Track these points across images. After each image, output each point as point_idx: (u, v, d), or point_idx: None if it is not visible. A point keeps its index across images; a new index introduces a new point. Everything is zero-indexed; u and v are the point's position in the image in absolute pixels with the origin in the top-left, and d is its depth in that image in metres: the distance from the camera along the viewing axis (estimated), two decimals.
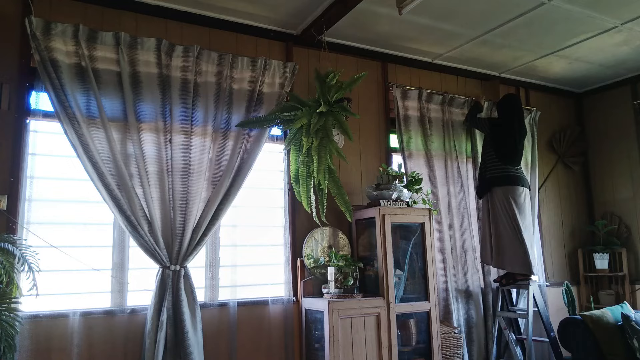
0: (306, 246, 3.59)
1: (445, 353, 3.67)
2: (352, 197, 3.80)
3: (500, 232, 3.95)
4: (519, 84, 4.98)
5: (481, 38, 4.00)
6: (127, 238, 3.07)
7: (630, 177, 4.93)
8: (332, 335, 3.11)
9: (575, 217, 5.16)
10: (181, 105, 3.23)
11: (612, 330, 3.76)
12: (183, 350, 2.91)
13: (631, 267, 4.84)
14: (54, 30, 2.88)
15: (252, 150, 3.41)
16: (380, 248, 3.45)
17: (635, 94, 4.92)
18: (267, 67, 3.54)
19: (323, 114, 3.41)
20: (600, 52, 4.35)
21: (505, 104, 4.21)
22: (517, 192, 3.96)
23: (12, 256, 2.46)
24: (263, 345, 3.37)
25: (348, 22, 3.63)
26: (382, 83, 4.21)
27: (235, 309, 3.30)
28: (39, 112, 2.99)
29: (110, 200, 2.92)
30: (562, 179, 5.14)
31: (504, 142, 4.05)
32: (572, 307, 4.41)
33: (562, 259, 4.98)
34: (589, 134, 5.32)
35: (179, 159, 3.18)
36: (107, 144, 2.97)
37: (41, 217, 2.92)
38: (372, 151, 4.08)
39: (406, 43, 4.08)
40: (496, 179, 4.02)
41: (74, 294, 2.91)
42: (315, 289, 3.55)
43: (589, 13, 3.63)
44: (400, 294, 3.51)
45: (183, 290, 3.01)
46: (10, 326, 2.38)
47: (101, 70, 3.03)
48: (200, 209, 3.18)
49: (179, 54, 3.24)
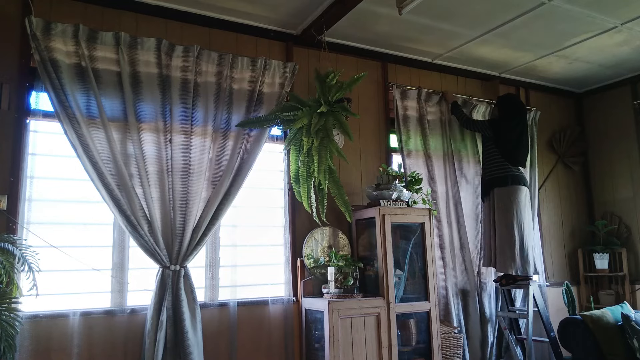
0: (306, 246, 3.59)
1: (445, 353, 3.67)
2: (352, 197, 3.80)
3: (502, 234, 3.93)
4: (519, 84, 4.98)
5: (481, 38, 4.00)
6: (127, 238, 3.07)
7: (630, 177, 4.93)
8: (332, 335, 3.12)
9: (575, 217, 5.16)
10: (181, 105, 3.23)
11: (612, 330, 3.76)
12: (183, 350, 2.91)
13: (631, 267, 4.84)
14: (54, 30, 2.88)
15: (252, 150, 3.41)
16: (380, 248, 3.45)
17: (635, 94, 4.93)
18: (267, 67, 3.54)
19: (323, 114, 3.41)
20: (600, 52, 4.35)
21: (506, 103, 4.20)
22: (520, 192, 3.95)
23: (12, 256, 2.46)
24: (263, 345, 3.37)
25: (348, 22, 3.63)
26: (382, 83, 4.21)
27: (235, 309, 3.30)
28: (39, 112, 2.99)
29: (110, 200, 2.92)
30: (562, 179, 5.14)
31: (509, 141, 4.04)
32: (572, 307, 4.41)
33: (562, 259, 4.98)
34: (589, 134, 5.32)
35: (179, 159, 3.18)
36: (107, 144, 2.97)
37: (41, 217, 2.92)
38: (372, 151, 4.08)
39: (406, 43, 4.08)
40: (497, 180, 4.01)
41: (74, 294, 2.91)
42: (315, 289, 3.55)
43: (589, 13, 3.63)
44: (400, 294, 3.51)
45: (183, 290, 3.01)
46: (10, 326, 2.38)
47: (101, 70, 3.03)
48: (200, 209, 3.18)
49: (179, 54, 3.24)
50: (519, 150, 4.06)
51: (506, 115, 4.14)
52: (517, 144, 4.07)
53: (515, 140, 4.06)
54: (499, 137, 4.05)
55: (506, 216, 3.91)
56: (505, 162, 4.01)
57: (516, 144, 4.06)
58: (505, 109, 4.17)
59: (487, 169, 4.12)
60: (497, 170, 4.02)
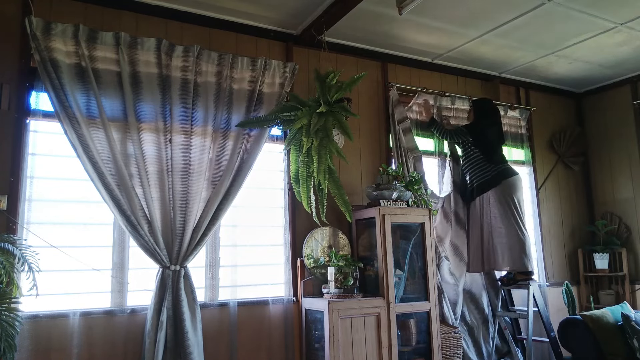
0: (306, 246, 3.59)
1: (445, 353, 3.67)
2: (352, 197, 3.79)
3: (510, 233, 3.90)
4: (519, 84, 4.98)
5: (481, 38, 4.00)
6: (127, 238, 3.07)
7: (630, 177, 4.93)
8: (332, 335, 3.11)
9: (575, 217, 5.16)
10: (181, 105, 3.23)
11: (612, 330, 3.76)
12: (183, 350, 2.91)
13: (631, 267, 4.84)
14: (54, 30, 2.88)
15: (252, 150, 3.41)
16: (380, 248, 3.45)
17: (635, 94, 4.92)
18: (267, 67, 3.54)
19: (323, 114, 3.41)
20: (600, 52, 4.35)
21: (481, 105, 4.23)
22: (516, 183, 3.98)
23: (12, 256, 2.46)
24: (263, 345, 3.37)
25: (348, 22, 3.63)
26: (382, 83, 4.21)
27: (236, 309, 3.30)
28: (39, 112, 2.99)
29: (110, 200, 2.92)
30: (562, 179, 5.14)
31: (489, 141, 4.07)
32: (572, 307, 4.41)
33: (562, 259, 4.98)
34: (589, 134, 5.32)
35: (179, 159, 3.18)
36: (107, 144, 2.97)
37: (41, 217, 2.92)
38: (372, 151, 4.08)
39: (406, 43, 4.08)
40: (486, 183, 4.01)
41: (74, 294, 2.91)
42: (315, 289, 3.55)
43: (589, 13, 3.63)
44: (400, 294, 3.51)
45: (183, 290, 3.01)
46: (10, 326, 2.38)
47: (101, 70, 3.03)
48: (200, 209, 3.18)
49: (179, 54, 3.24)
50: (499, 147, 4.15)
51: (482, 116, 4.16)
52: (497, 142, 4.14)
53: (496, 140, 4.12)
54: (479, 139, 4.07)
55: (507, 215, 3.91)
56: (488, 163, 4.03)
57: (497, 142, 4.13)
58: (481, 111, 4.20)
59: (473, 173, 4.12)
60: (484, 173, 4.03)
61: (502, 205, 3.94)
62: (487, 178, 4.01)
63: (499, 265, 3.96)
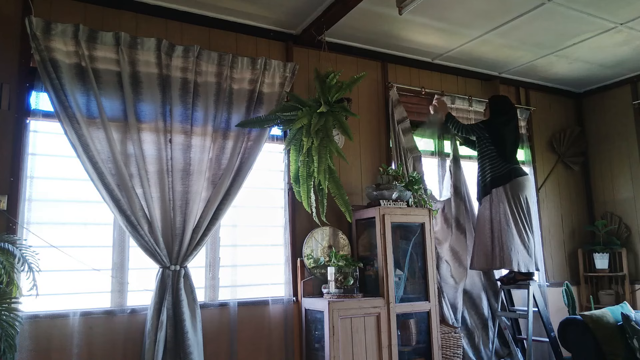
0: (306, 246, 3.59)
1: (445, 353, 3.67)
2: (352, 197, 3.80)
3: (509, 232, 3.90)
4: (519, 84, 4.99)
5: (481, 38, 4.00)
6: (127, 238, 3.07)
7: (630, 177, 4.93)
8: (332, 335, 3.11)
9: (575, 217, 5.16)
10: (181, 105, 3.23)
11: (612, 330, 3.75)
12: (183, 351, 2.91)
13: (631, 267, 4.84)
14: (54, 30, 2.88)
15: (252, 150, 3.41)
16: (380, 248, 3.45)
17: (635, 94, 4.92)
18: (267, 67, 3.54)
19: (323, 114, 3.41)
20: (600, 52, 4.35)
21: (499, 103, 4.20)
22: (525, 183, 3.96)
23: (12, 256, 2.46)
24: (263, 345, 3.37)
25: (348, 22, 3.63)
26: (382, 83, 4.21)
27: (236, 309, 3.30)
28: (39, 112, 2.99)
29: (110, 200, 2.92)
30: (562, 179, 5.14)
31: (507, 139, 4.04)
32: (572, 307, 4.40)
33: (562, 259, 4.98)
34: (589, 134, 5.32)
35: (179, 159, 3.18)
36: (107, 144, 2.97)
37: (41, 217, 2.92)
38: (372, 151, 4.08)
39: (406, 43, 4.08)
40: (500, 178, 3.98)
41: (74, 294, 2.91)
42: (315, 289, 3.55)
43: (589, 13, 3.63)
44: (400, 294, 3.51)
45: (183, 290, 3.01)
46: (10, 326, 2.38)
47: (101, 70, 3.03)
48: (200, 209, 3.18)
49: (179, 54, 3.24)
50: (514, 147, 4.12)
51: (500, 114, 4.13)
52: (514, 141, 4.11)
53: (511, 140, 4.09)
54: (496, 137, 4.05)
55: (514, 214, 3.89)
56: (501, 160, 4.01)
57: (513, 141, 4.10)
58: (499, 109, 4.17)
59: (487, 168, 4.10)
60: (498, 169, 4.01)
61: (510, 204, 3.93)
62: (501, 174, 4.00)
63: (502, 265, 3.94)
